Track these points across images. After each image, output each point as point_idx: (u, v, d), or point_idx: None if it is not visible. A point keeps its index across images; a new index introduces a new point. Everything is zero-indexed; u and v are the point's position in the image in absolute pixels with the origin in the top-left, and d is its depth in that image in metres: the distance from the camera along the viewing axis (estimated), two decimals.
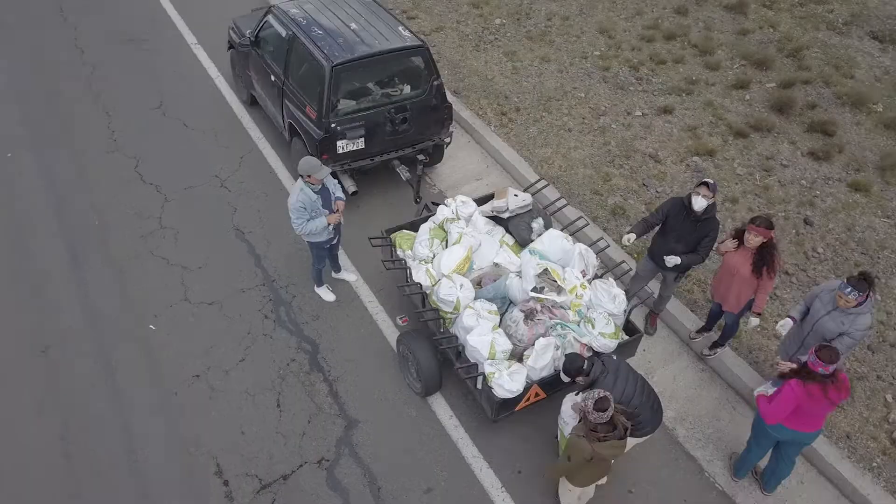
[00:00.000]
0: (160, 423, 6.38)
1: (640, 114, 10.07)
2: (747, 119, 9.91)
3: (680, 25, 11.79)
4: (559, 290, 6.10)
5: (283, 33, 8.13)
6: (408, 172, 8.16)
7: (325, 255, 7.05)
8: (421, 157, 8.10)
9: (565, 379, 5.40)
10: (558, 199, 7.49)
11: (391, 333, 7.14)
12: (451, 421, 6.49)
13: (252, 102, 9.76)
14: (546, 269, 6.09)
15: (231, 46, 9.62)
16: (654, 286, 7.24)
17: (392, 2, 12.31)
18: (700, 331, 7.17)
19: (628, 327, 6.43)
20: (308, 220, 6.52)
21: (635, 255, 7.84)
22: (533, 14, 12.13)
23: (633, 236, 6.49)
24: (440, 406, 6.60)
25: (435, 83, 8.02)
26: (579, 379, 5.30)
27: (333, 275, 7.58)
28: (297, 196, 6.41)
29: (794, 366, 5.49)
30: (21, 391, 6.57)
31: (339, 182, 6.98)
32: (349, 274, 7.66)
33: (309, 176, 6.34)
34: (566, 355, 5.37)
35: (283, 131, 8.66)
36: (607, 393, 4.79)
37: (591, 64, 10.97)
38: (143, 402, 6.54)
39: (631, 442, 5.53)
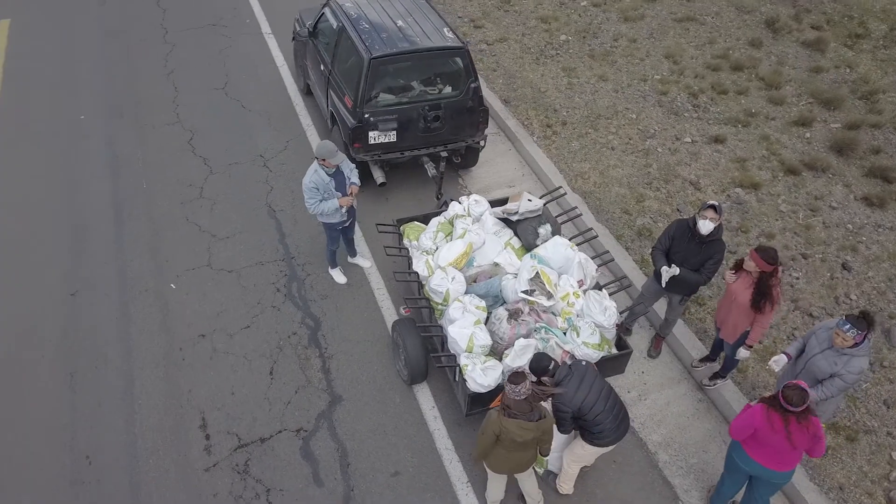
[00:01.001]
0: (160, 374, 6.76)
1: (690, 140, 9.88)
2: (803, 157, 9.55)
3: (751, 57, 11.49)
4: (549, 294, 6.09)
5: (335, 25, 8.50)
6: (434, 169, 8.33)
7: (338, 237, 7.29)
8: (444, 153, 8.24)
9: (532, 378, 5.39)
10: (573, 208, 7.46)
11: (392, 321, 7.29)
12: (432, 412, 6.57)
13: (307, 91, 10.19)
14: (538, 273, 6.10)
15: (295, 37, 10.09)
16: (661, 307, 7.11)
17: (462, 10, 12.58)
18: (703, 360, 6.97)
19: (620, 343, 6.34)
20: (320, 201, 6.78)
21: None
22: (600, 34, 12.10)
23: (676, 268, 6.23)
24: (424, 396, 6.69)
25: (472, 85, 8.16)
26: (545, 379, 5.30)
27: (349, 259, 7.82)
28: (311, 177, 6.69)
29: None
30: (45, 328, 7.11)
31: (356, 167, 7.20)
32: (364, 260, 7.88)
33: (324, 159, 6.60)
34: (535, 354, 5.37)
35: (326, 119, 9.01)
36: (521, 368, 4.78)
37: (650, 87, 10.85)
38: (150, 352, 6.95)
39: (593, 451, 5.48)
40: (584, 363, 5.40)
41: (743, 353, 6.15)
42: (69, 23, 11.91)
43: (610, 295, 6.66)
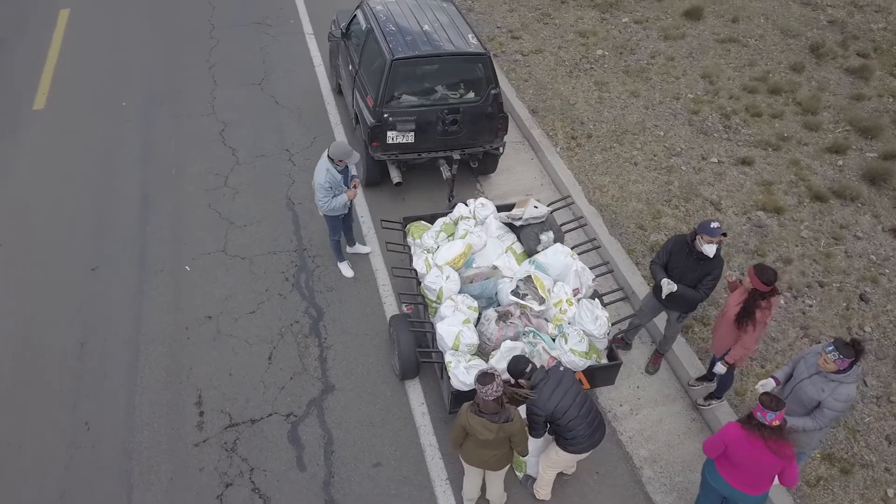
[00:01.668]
0: (165, 351, 7.02)
1: (716, 161, 9.76)
2: (832, 184, 9.34)
3: (790, 82, 11.28)
4: (541, 299, 6.12)
5: (364, 27, 8.72)
6: (449, 172, 8.43)
7: (339, 227, 7.46)
8: (457, 156, 8.34)
9: (508, 379, 5.43)
10: (579, 217, 7.47)
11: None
12: (420, 408, 6.65)
13: (339, 91, 10.44)
14: (530, 277, 6.14)
15: (329, 37, 10.35)
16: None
17: (502, 21, 12.69)
18: (700, 379, 6.88)
19: (612, 355, 6.32)
20: (332, 198, 6.95)
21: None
22: (638, 50, 12.06)
23: (674, 285, 6.16)
24: (415, 392, 6.78)
25: (493, 92, 8.25)
26: (521, 381, 5.33)
27: (348, 249, 7.99)
28: (325, 177, 6.85)
29: None
30: (63, 299, 7.46)
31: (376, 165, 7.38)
32: (363, 247, 8.05)
33: (340, 160, 6.78)
34: (513, 357, 5.40)
35: (352, 118, 9.22)
36: (492, 370, 4.82)
37: (682, 105, 10.76)
38: (158, 329, 7.22)
39: (567, 457, 5.48)
40: (561, 368, 5.41)
41: (719, 367, 6.11)
42: (123, 14, 12.47)
43: (607, 304, 6.66)
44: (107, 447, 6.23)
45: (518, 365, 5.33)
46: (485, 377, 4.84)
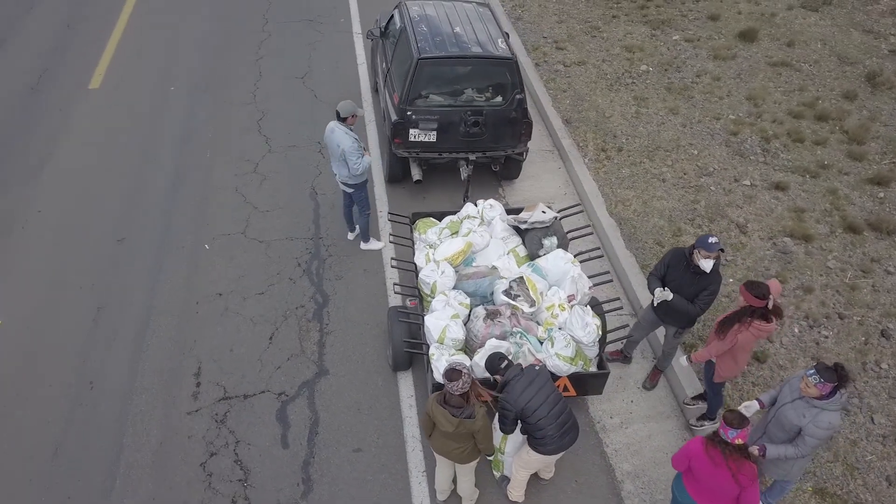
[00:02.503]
0: (174, 322, 7.31)
1: (749, 183, 9.53)
2: (869, 216, 9.00)
3: (840, 109, 10.93)
4: (532, 301, 6.13)
5: (398, 26, 8.90)
6: (468, 173, 8.50)
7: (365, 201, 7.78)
8: (472, 157, 8.40)
9: (485, 374, 5.47)
10: (587, 225, 7.43)
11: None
12: (409, 400, 6.72)
13: (376, 89, 10.65)
14: (523, 278, 6.15)
15: (369, 35, 10.59)
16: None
17: (549, 31, 12.71)
18: (696, 398, 6.75)
19: (602, 364, 6.27)
20: (361, 157, 7.24)
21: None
22: (684, 68, 11.89)
23: (669, 293, 6.14)
24: (405, 384, 6.86)
25: (517, 97, 8.29)
26: (497, 377, 5.36)
27: (362, 245, 8.15)
28: (351, 137, 7.18)
29: (758, 449, 5.16)
30: (87, 265, 7.85)
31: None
32: (377, 242, 8.29)
33: (353, 116, 7.15)
34: (491, 353, 5.43)
35: (382, 116, 9.41)
36: (461, 366, 4.85)
37: (721, 126, 10.55)
38: (171, 301, 7.53)
39: (538, 458, 5.46)
40: (537, 367, 5.40)
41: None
42: (184, 2, 13.03)
43: (606, 312, 6.61)
44: (105, 408, 6.52)
45: (494, 361, 5.36)
46: (452, 373, 4.89)
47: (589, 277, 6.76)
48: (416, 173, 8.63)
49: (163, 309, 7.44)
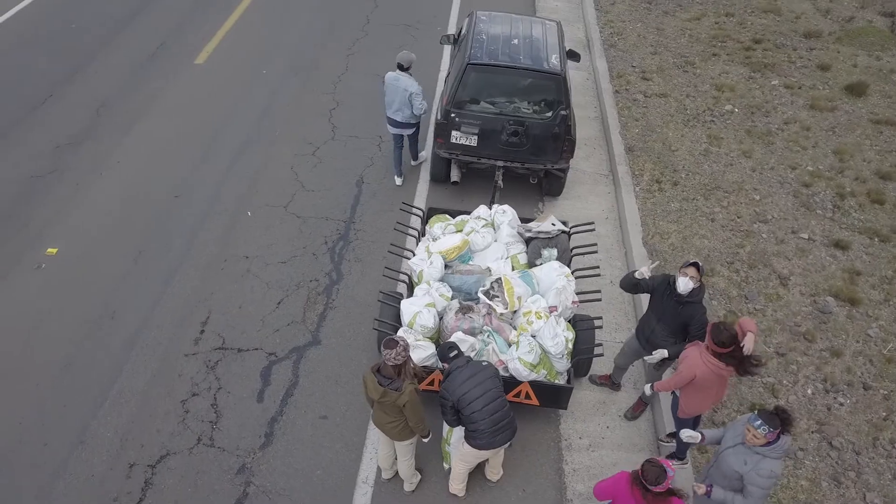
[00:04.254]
0: (199, 274, 7.94)
1: (807, 237, 9.03)
2: None
3: None
4: (506, 304, 6.19)
5: (464, 32, 9.21)
6: (501, 181, 8.62)
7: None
8: (500, 164, 8.51)
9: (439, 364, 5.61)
10: (592, 244, 7.36)
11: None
12: None
13: None
14: (500, 279, 6.23)
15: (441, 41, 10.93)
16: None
17: (640, 61, 12.58)
18: (671, 435, 6.50)
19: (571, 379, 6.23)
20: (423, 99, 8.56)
21: None
22: (774, 114, 11.40)
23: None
24: None
25: (562, 112, 8.35)
26: (444, 364, 5.49)
27: (397, 181, 9.41)
28: (413, 82, 8.46)
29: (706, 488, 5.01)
30: (142, 215, 8.67)
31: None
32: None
33: (409, 66, 8.42)
34: (445, 342, 5.56)
35: None
36: (400, 339, 5.00)
37: (795, 176, 10.04)
38: (202, 255, 8.19)
39: (471, 452, 5.52)
40: (485, 363, 5.47)
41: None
42: None
43: (593, 329, 6.55)
44: (119, 336, 7.20)
45: (444, 350, 5.48)
46: (389, 342, 5.08)
47: (578, 293, 6.71)
48: (454, 174, 8.86)
49: (193, 261, 8.10)
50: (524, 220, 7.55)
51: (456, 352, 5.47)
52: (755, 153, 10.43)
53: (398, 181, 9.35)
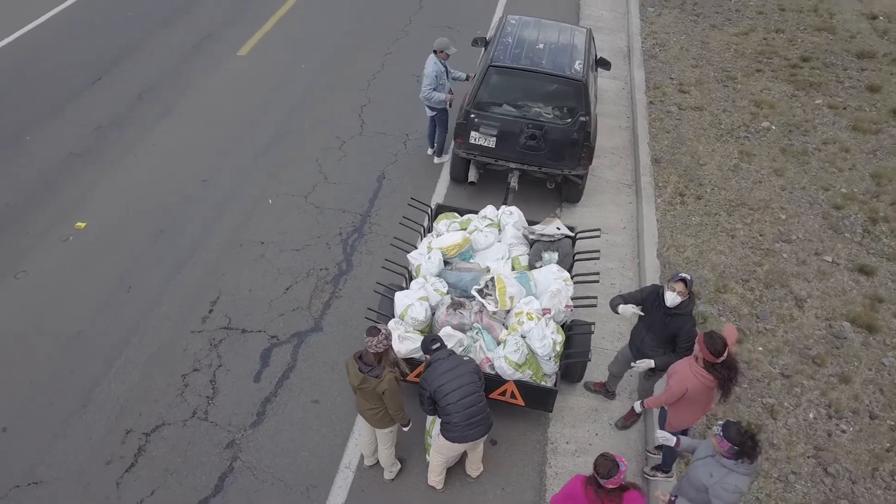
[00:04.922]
0: (213, 256, 8.22)
1: (831, 260, 8.78)
2: None
3: None
4: (496, 302, 6.24)
5: (494, 35, 9.29)
6: (516, 184, 8.65)
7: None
8: (514, 166, 8.53)
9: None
10: (595, 250, 7.34)
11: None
12: None
13: None
14: (493, 279, 6.28)
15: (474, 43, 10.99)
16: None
17: (679, 73, 12.42)
18: (659, 447, 6.42)
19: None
20: (433, 90, 8.84)
21: None
22: (812, 133, 11.11)
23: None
24: None
25: (581, 118, 8.34)
26: (426, 355, 5.58)
27: (428, 151, 9.90)
28: (432, 67, 8.84)
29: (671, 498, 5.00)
30: (169, 196, 9.01)
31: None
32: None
33: (442, 52, 8.83)
34: (429, 334, 5.64)
35: None
36: (383, 327, 5.10)
37: (827, 197, 9.77)
38: (219, 238, 8.46)
39: (446, 444, 5.58)
40: (466, 357, 5.53)
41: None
42: None
43: (588, 334, 6.53)
44: (132, 308, 7.51)
45: (427, 342, 5.57)
46: (372, 330, 5.20)
47: (574, 299, 6.70)
48: (472, 175, 8.94)
49: (210, 243, 8.37)
50: (531, 223, 7.56)
51: (438, 344, 5.55)
52: (787, 172, 10.19)
53: (429, 151, 9.97)
